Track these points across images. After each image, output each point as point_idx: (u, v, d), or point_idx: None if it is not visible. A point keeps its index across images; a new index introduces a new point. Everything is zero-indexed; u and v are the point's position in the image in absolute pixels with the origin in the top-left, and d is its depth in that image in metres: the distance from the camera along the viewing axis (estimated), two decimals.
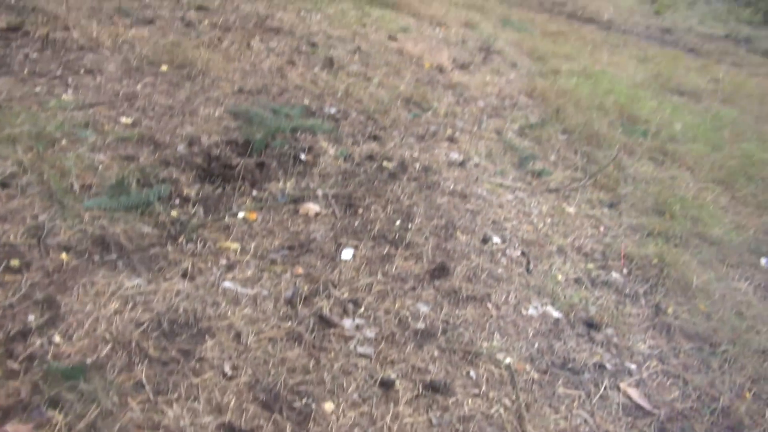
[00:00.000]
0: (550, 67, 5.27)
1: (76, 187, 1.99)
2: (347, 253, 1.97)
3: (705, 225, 2.76)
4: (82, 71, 2.93)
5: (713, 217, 2.84)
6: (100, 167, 2.13)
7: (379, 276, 1.91)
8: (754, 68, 7.88)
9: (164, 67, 3.14)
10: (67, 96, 2.65)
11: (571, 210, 2.71)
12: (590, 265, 2.29)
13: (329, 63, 3.75)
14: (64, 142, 2.25)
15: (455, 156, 2.90)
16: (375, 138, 2.88)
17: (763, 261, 2.61)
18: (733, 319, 2.11)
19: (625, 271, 2.30)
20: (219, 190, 2.17)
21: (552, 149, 3.36)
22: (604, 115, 4.05)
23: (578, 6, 10.35)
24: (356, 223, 2.15)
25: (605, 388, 1.66)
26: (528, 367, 1.68)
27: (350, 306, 1.74)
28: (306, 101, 3.12)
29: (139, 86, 2.88)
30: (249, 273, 1.80)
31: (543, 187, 2.86)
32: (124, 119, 2.54)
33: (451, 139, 3.12)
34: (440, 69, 4.31)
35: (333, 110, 3.08)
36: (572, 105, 4.11)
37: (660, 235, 2.60)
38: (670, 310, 2.10)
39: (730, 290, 2.31)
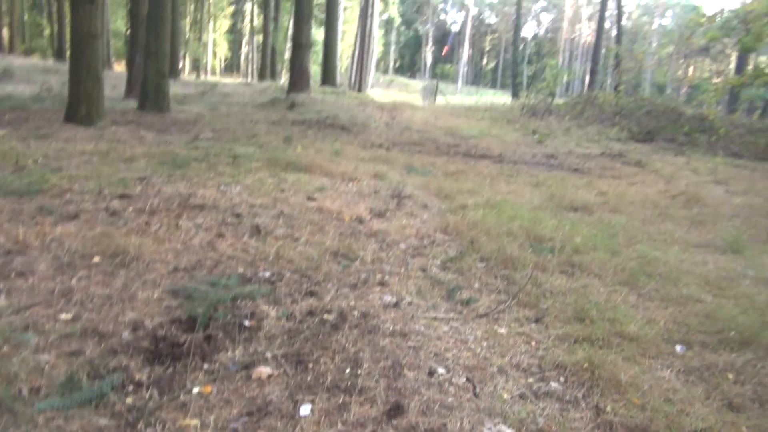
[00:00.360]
0: (457, 203, 5.77)
1: (25, 392, 1.99)
2: (305, 409, 2.04)
3: (621, 324, 3.04)
4: (12, 275, 2.97)
5: (626, 316, 3.15)
6: (47, 367, 2.14)
7: (339, 425, 1.98)
8: (630, 178, 8.93)
9: (97, 259, 3.24)
10: (1, 302, 2.67)
11: (503, 330, 2.93)
12: (530, 380, 2.46)
13: (256, 230, 3.98)
14: (5, 348, 2.25)
15: (389, 298, 3.10)
16: (312, 294, 3.05)
17: (677, 348, 2.89)
18: (664, 406, 2.31)
19: (562, 379, 2.48)
20: (170, 370, 2.22)
21: (474, 277, 3.65)
22: (513, 240, 4.45)
23: (471, 146, 11.47)
24: (308, 378, 2.24)
25: None
26: None
27: None
28: (240, 269, 3.28)
29: (73, 281, 2.94)
30: None
31: (473, 314, 3.08)
32: (63, 315, 2.58)
33: (382, 283, 3.34)
34: (360, 220, 4.64)
35: (267, 274, 3.25)
36: (484, 234, 4.51)
37: (585, 340, 2.84)
38: (608, 408, 2.28)
39: (655, 380, 2.53)
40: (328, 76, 22.08)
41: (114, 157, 6.89)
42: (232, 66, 73.47)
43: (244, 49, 66.07)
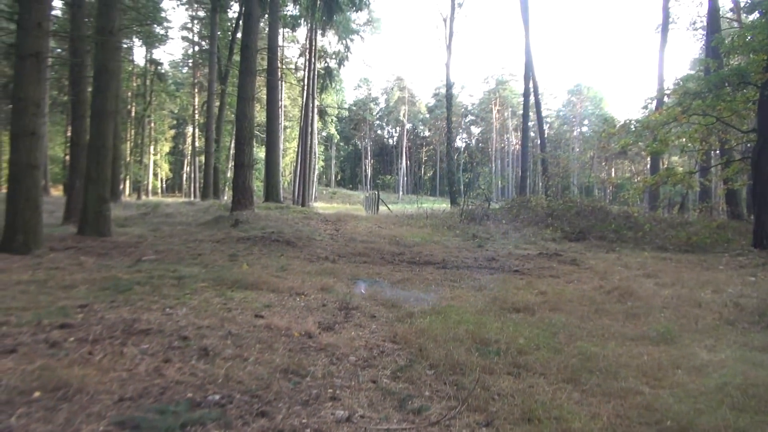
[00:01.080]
0: (404, 311, 5.89)
1: None
2: None
3: (567, 421, 3.14)
4: None
5: (571, 413, 3.26)
6: None
7: None
8: (567, 276, 9.33)
9: (37, 394, 3.14)
10: None
11: None
12: None
13: (204, 353, 3.95)
14: None
15: (341, 413, 3.11)
16: (263, 414, 3.03)
17: None
18: None
19: None
20: None
21: (424, 385, 3.71)
22: (460, 345, 4.57)
23: (414, 253, 11.78)
24: None
25: None
26: None
27: None
28: (189, 394, 3.24)
29: (12, 419, 2.83)
30: None
31: (425, 422, 3.12)
32: None
33: (334, 398, 3.35)
34: (309, 335, 4.67)
35: (217, 397, 3.21)
36: (431, 341, 4.61)
37: None
38: None
39: None
40: (271, 192, 22.53)
41: (52, 286, 6.74)
42: (173, 185, 73.70)
43: (186, 168, 66.84)
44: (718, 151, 19.04)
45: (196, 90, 52.34)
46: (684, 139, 15.12)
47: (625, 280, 8.98)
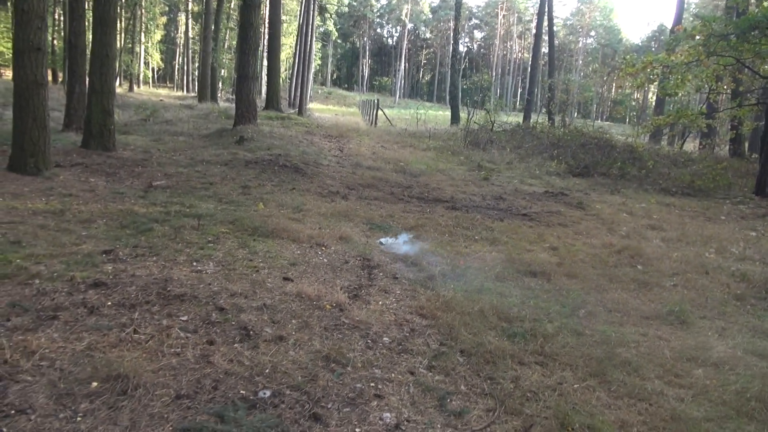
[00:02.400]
0: (425, 273, 6.00)
1: None
2: None
3: (599, 431, 3.32)
4: (12, 412, 2.93)
5: (603, 421, 3.43)
6: None
7: None
8: (575, 225, 9.45)
9: (95, 384, 3.23)
10: None
11: None
12: None
13: (245, 333, 4.04)
14: None
15: (388, 418, 3.25)
16: (316, 418, 3.16)
17: None
18: None
19: None
20: None
21: (459, 378, 3.86)
22: (486, 323, 4.71)
23: (422, 186, 11.79)
24: None
25: None
26: None
27: None
28: (241, 390, 3.35)
29: (78, 418, 2.94)
30: None
31: (468, 429, 3.29)
32: None
33: (378, 395, 3.49)
34: (340, 307, 4.77)
35: (268, 393, 3.33)
36: (458, 319, 4.74)
37: None
38: None
39: None
40: (271, 100, 22.02)
41: (70, 219, 6.74)
42: (165, 76, 71.50)
43: (178, 59, 64.53)
44: (729, 93, 18.74)
45: None
46: (702, 79, 14.79)
47: (633, 233, 9.14)
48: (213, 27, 28.16)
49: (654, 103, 36.22)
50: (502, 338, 4.52)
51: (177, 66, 65.55)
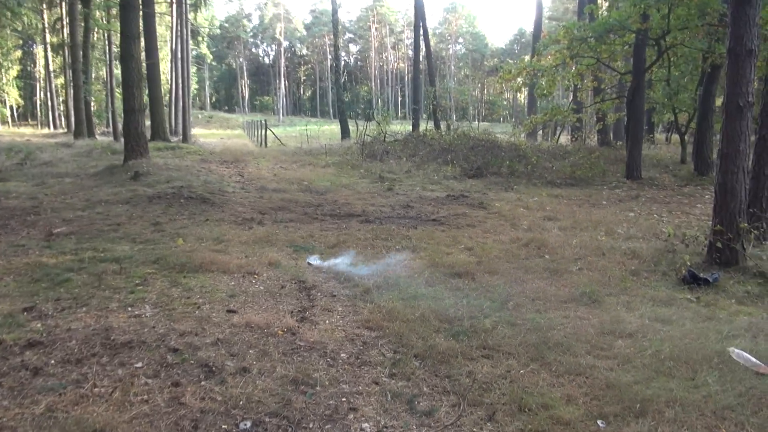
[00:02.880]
0: (360, 288, 6.23)
1: None
2: None
3: (553, 408, 3.74)
4: None
5: (553, 399, 3.86)
6: None
7: None
8: (482, 224, 10.10)
9: None
10: None
11: None
12: None
13: (208, 370, 4.07)
14: None
15: (368, 428, 3.46)
16: None
17: (599, 424, 3.65)
18: None
19: None
20: None
21: (420, 381, 4.14)
22: (429, 327, 5.05)
23: (331, 203, 12.01)
24: None
25: None
26: None
27: None
28: (222, 425, 3.40)
29: None
30: None
31: (440, 425, 3.57)
32: None
33: (353, 409, 3.69)
34: (291, 331, 4.90)
35: (249, 424, 3.42)
36: (404, 326, 5.03)
37: (535, 431, 3.48)
38: None
39: None
40: (157, 130, 21.25)
41: None
42: (26, 114, 66.18)
43: (40, 95, 60.01)
44: (592, 90, 20.77)
45: (44, 6, 46.27)
46: (568, 79, 16.33)
47: (533, 226, 9.93)
48: (82, 59, 26.64)
49: (526, 103, 39.00)
50: (448, 338, 4.86)
51: (39, 102, 60.93)
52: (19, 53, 56.58)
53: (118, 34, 15.44)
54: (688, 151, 18.74)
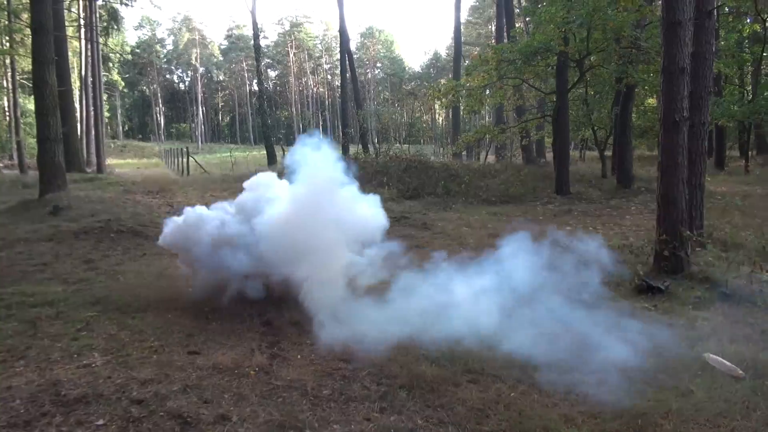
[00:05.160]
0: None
1: None
2: None
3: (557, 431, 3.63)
4: None
5: (552, 420, 3.76)
6: None
7: None
8: (430, 245, 10.03)
9: None
10: None
11: None
12: None
13: (183, 421, 3.67)
14: None
15: None
16: None
17: None
18: None
19: None
20: None
21: (413, 413, 3.93)
22: (406, 354, 4.86)
23: None
24: None
25: None
26: None
27: None
28: None
29: None
30: None
31: None
32: None
33: None
34: (264, 370, 4.54)
35: None
36: (380, 353, 4.82)
37: None
38: None
39: None
40: (73, 161, 19.97)
41: None
42: None
43: None
44: (514, 110, 21.56)
45: None
46: (496, 98, 16.83)
47: (480, 244, 9.97)
48: None
49: (447, 124, 39.98)
50: (430, 365, 4.68)
51: None
52: None
53: (26, 59, 14.42)
54: (608, 166, 19.69)
